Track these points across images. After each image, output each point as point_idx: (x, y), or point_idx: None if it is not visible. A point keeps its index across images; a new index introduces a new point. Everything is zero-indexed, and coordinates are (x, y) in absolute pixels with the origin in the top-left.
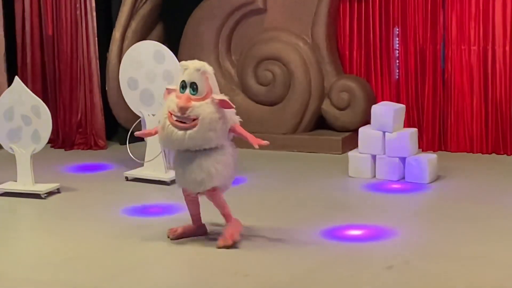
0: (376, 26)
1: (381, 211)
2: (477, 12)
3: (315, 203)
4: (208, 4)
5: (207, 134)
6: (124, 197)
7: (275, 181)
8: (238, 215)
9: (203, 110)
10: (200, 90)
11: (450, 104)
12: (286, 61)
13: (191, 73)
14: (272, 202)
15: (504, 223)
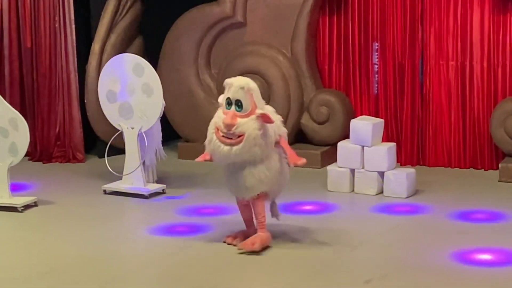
0: (355, 41)
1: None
2: (455, 28)
3: (293, 217)
4: (188, 18)
5: (252, 150)
6: (102, 211)
7: None
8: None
9: (248, 127)
10: (245, 107)
11: (429, 119)
12: (266, 75)
13: (235, 91)
14: None
15: (480, 237)
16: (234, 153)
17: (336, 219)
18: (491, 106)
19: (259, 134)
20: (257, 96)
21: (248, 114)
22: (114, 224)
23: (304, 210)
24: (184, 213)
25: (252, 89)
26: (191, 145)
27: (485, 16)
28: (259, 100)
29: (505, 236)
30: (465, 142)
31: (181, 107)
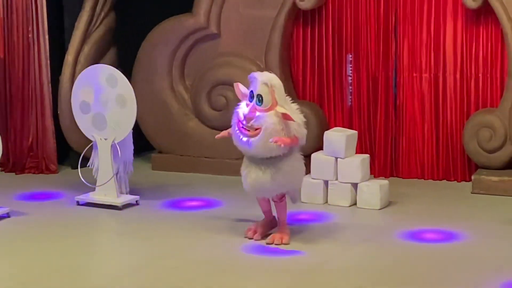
0: (329, 53)
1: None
2: (429, 40)
3: None
4: (162, 29)
5: (268, 144)
6: (75, 222)
7: (225, 207)
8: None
9: (266, 121)
10: (265, 102)
11: (402, 131)
12: None
13: (258, 85)
14: (222, 227)
15: (450, 247)
16: (252, 146)
17: (309, 231)
18: (464, 118)
19: (276, 129)
20: (280, 92)
21: (268, 109)
22: (87, 235)
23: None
24: (159, 223)
25: (274, 85)
26: (165, 156)
27: (458, 28)
28: (281, 97)
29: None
30: (438, 154)
31: (155, 118)
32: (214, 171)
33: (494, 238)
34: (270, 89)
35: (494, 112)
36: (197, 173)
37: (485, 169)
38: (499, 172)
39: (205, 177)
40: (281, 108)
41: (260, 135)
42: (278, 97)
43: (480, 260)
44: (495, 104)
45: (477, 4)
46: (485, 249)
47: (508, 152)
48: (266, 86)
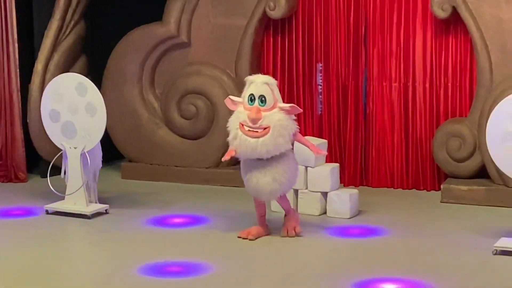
0: (299, 62)
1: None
2: (398, 50)
3: (233, 239)
4: (132, 37)
5: (277, 140)
6: (43, 231)
7: (195, 216)
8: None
9: (273, 119)
10: (268, 102)
11: (372, 140)
12: (210, 95)
13: (259, 87)
14: (193, 236)
15: (423, 258)
16: (261, 144)
17: (278, 240)
18: (433, 127)
19: (283, 125)
20: (277, 91)
21: (271, 108)
22: (56, 244)
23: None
24: (128, 232)
25: (273, 84)
26: (135, 165)
27: (428, 38)
28: (278, 95)
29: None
30: (408, 163)
31: (125, 127)
32: (184, 180)
33: (460, 247)
34: (271, 88)
35: (463, 121)
36: (167, 182)
37: (454, 178)
38: (468, 181)
39: (175, 186)
40: (282, 104)
41: (270, 133)
42: (277, 95)
43: (444, 267)
44: (464, 113)
45: (446, 14)
46: (452, 258)
47: (477, 162)
48: (267, 86)
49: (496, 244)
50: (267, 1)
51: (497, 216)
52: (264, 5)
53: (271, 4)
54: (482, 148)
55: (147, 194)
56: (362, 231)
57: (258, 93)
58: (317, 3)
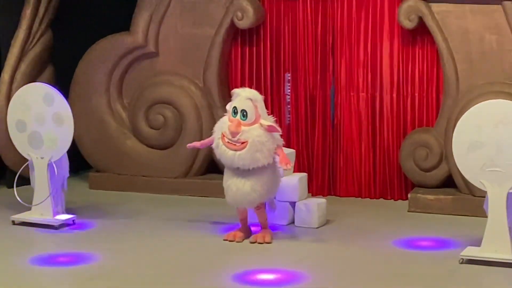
0: (267, 71)
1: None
2: (366, 60)
3: (206, 248)
4: (100, 47)
5: (254, 155)
6: (9, 242)
7: (162, 225)
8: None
9: (251, 134)
10: (249, 117)
11: (339, 150)
12: (178, 105)
13: (242, 101)
14: (159, 247)
15: (390, 266)
16: (238, 157)
17: (248, 247)
18: (400, 137)
19: (261, 141)
20: (261, 107)
21: (252, 123)
22: (23, 255)
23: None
24: (95, 242)
25: (257, 100)
26: (102, 175)
27: (395, 48)
28: (263, 110)
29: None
30: (375, 172)
31: (92, 137)
32: (151, 190)
33: (427, 256)
34: (254, 104)
35: (430, 131)
36: (134, 192)
37: (421, 188)
38: (435, 190)
39: (143, 195)
40: (264, 121)
41: (247, 148)
42: (261, 111)
43: (412, 276)
44: (431, 123)
45: (413, 25)
46: (419, 267)
47: (444, 171)
48: (250, 101)
49: (463, 253)
50: (235, 11)
51: (463, 225)
52: (232, 15)
53: (238, 14)
54: (449, 157)
55: (115, 204)
56: (329, 240)
57: (240, 107)
58: (284, 13)
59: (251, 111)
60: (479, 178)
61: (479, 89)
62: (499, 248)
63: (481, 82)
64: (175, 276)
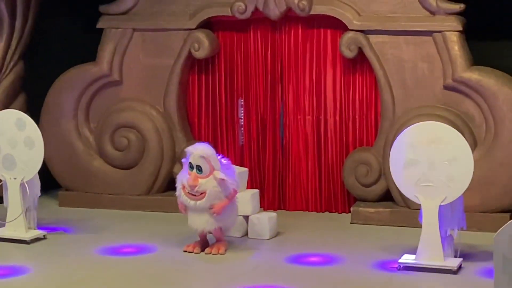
0: (222, 97)
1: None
2: (311, 86)
3: (166, 259)
4: (68, 76)
5: (214, 202)
6: None
7: (126, 239)
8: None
9: (208, 185)
10: (204, 171)
11: (288, 167)
12: (140, 129)
13: (196, 158)
14: (121, 260)
15: (334, 273)
16: (199, 206)
17: (206, 258)
18: (343, 156)
19: (218, 190)
20: (214, 159)
21: (207, 175)
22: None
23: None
24: (65, 257)
25: (209, 155)
26: (71, 193)
27: (337, 75)
28: (215, 162)
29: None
30: (321, 188)
31: (62, 158)
32: (117, 207)
33: (369, 263)
34: (206, 159)
35: (370, 150)
36: (101, 208)
37: (362, 202)
38: (375, 204)
39: (109, 212)
40: (218, 173)
41: (205, 198)
42: (214, 163)
43: (354, 282)
44: (370, 143)
45: (353, 54)
46: (361, 273)
47: (382, 186)
48: (203, 158)
49: (400, 260)
50: (192, 43)
51: (400, 235)
52: (189, 47)
53: (195, 45)
54: (387, 174)
55: (83, 220)
56: (280, 252)
57: (195, 163)
58: (237, 44)
59: (205, 166)
60: (414, 192)
61: (413, 112)
62: (432, 255)
63: (415, 106)
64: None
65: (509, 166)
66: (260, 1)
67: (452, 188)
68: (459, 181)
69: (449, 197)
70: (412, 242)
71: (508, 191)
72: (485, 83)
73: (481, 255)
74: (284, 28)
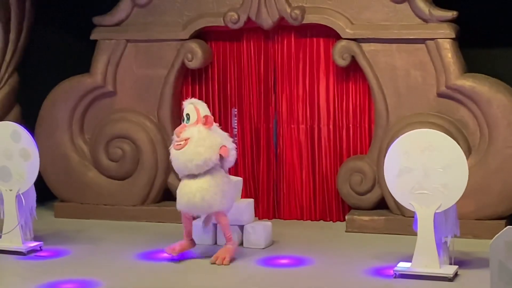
0: (216, 107)
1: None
2: (304, 95)
3: (161, 268)
4: (62, 88)
5: (197, 149)
6: None
7: (125, 249)
8: None
9: (192, 131)
10: (191, 118)
11: (282, 176)
12: (135, 139)
13: (186, 107)
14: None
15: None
16: (182, 153)
17: (199, 268)
18: (337, 164)
19: (201, 136)
20: (203, 108)
21: (194, 123)
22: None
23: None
24: (62, 267)
25: (198, 103)
26: (66, 204)
27: (330, 84)
28: (205, 111)
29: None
30: (315, 197)
31: (57, 170)
32: (112, 217)
33: (364, 271)
34: (195, 107)
35: (364, 158)
36: (96, 219)
37: (357, 210)
38: (369, 212)
39: (104, 222)
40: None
41: (188, 144)
42: (204, 113)
43: None
44: (364, 151)
45: (346, 62)
46: (357, 281)
47: (377, 194)
48: (191, 105)
49: (396, 267)
50: (185, 53)
51: (395, 243)
52: (183, 57)
53: (188, 55)
54: (381, 182)
55: (78, 231)
56: (276, 260)
57: (185, 112)
58: (230, 54)
59: (193, 113)
60: (408, 200)
61: (406, 120)
62: (428, 263)
63: (408, 114)
64: None
65: (503, 172)
66: (253, 11)
67: (447, 196)
68: (454, 188)
69: (444, 205)
70: (407, 250)
71: (502, 198)
72: (479, 90)
73: (476, 262)
74: (277, 37)
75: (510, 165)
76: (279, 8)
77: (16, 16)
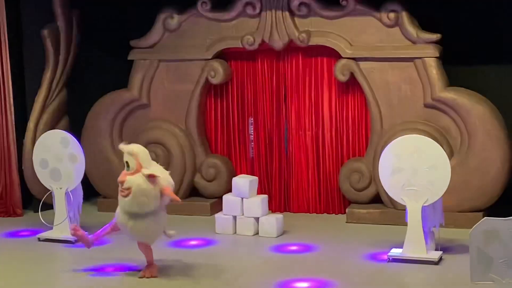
0: (234, 117)
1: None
2: (310, 106)
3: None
4: (104, 101)
5: (140, 199)
6: (37, 255)
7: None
8: None
9: (134, 181)
10: (131, 167)
11: (292, 176)
12: (166, 145)
13: (125, 155)
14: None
15: (332, 264)
16: (125, 202)
17: (221, 254)
18: (339, 165)
19: (143, 187)
20: (143, 157)
21: (134, 172)
22: (46, 266)
23: (192, 245)
24: (109, 252)
25: (137, 153)
26: (108, 200)
27: (333, 97)
28: (145, 161)
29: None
30: (320, 193)
31: (100, 171)
32: None
33: (362, 256)
34: (133, 156)
35: (362, 160)
36: None
37: (356, 204)
38: (366, 206)
39: None
40: (145, 170)
41: (131, 194)
42: (142, 161)
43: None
44: (362, 154)
45: (346, 78)
46: (355, 264)
47: (373, 191)
48: (129, 155)
49: (389, 253)
50: (209, 71)
51: (389, 232)
52: (207, 74)
53: (212, 73)
54: (376, 180)
55: None
56: (287, 247)
57: (125, 160)
58: (247, 71)
59: (132, 162)
60: (400, 195)
61: (398, 127)
62: (417, 249)
63: (399, 122)
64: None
65: (481, 172)
66: (266, 35)
67: (432, 191)
68: (439, 185)
69: (430, 199)
70: (399, 238)
71: (480, 193)
72: (460, 101)
73: (458, 248)
74: (287, 57)
75: (486, 166)
76: (289, 32)
77: (64, 40)
